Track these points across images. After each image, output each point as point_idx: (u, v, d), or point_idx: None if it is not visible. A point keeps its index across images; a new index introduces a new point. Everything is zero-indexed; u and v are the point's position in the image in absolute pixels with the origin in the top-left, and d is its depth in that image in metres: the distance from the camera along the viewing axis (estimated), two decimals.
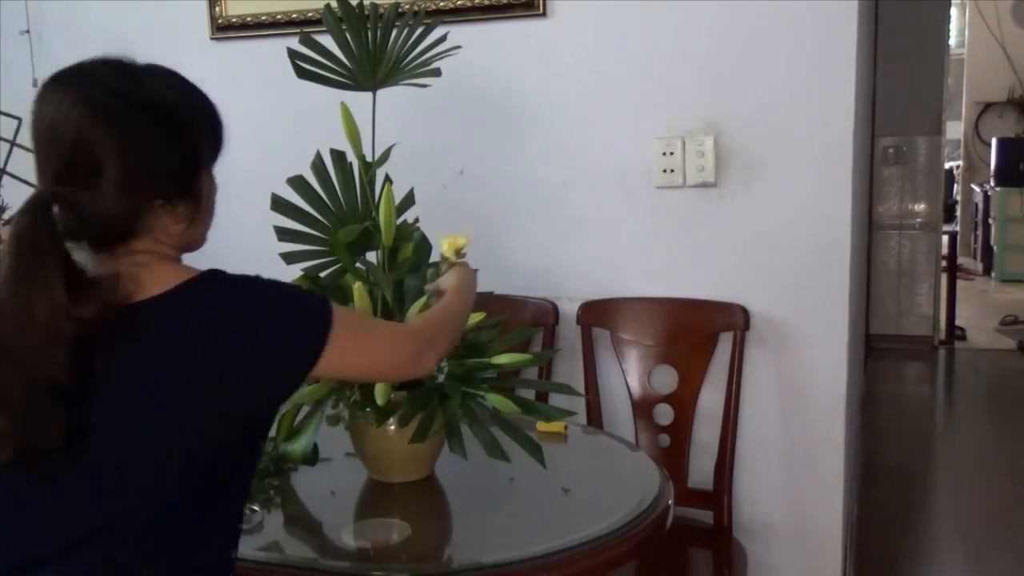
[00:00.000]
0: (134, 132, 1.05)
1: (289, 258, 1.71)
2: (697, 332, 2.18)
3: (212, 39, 2.50)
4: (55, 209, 1.01)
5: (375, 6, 1.83)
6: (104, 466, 1.02)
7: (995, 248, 7.49)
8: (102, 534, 1.02)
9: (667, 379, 2.21)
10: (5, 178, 1.97)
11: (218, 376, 1.04)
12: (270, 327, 1.08)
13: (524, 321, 2.22)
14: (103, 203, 1.03)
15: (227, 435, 1.07)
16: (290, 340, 1.09)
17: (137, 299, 1.04)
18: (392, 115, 1.85)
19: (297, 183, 1.76)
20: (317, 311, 1.12)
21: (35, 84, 2.92)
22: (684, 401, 2.18)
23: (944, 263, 5.81)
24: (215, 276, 1.11)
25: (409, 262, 1.68)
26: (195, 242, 1.20)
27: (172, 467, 1.03)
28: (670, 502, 1.54)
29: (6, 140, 2.48)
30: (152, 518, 1.04)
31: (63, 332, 0.98)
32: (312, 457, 1.63)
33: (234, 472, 1.12)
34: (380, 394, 1.49)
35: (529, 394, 2.02)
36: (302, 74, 1.78)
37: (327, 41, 1.81)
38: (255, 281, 1.13)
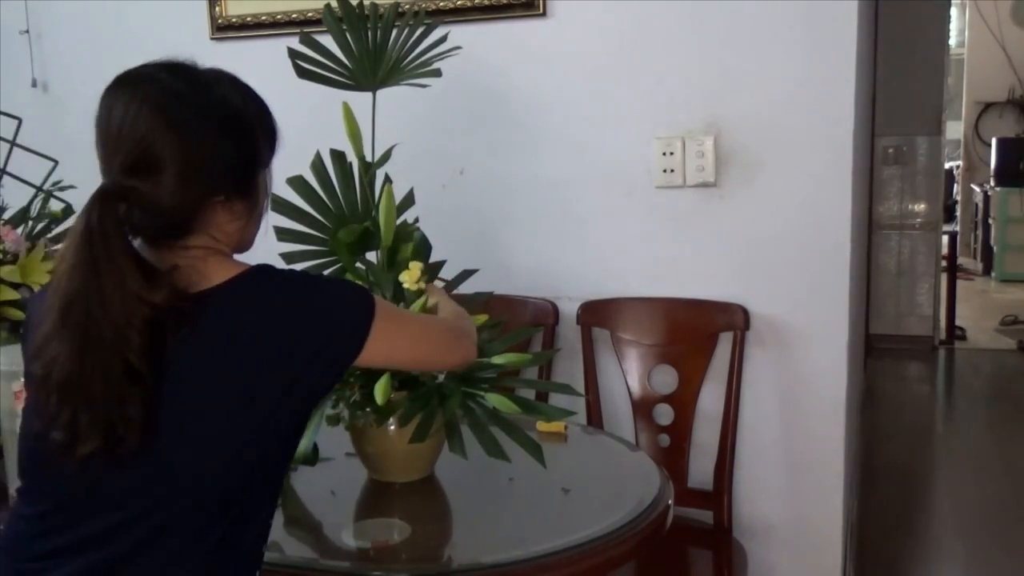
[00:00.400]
0: (196, 130, 1.09)
1: (289, 258, 1.71)
2: (697, 332, 2.18)
3: (212, 39, 2.50)
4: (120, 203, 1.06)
5: (375, 6, 1.83)
6: (172, 450, 1.05)
7: (995, 248, 7.49)
8: (162, 515, 1.06)
9: (667, 379, 2.21)
10: (5, 178, 1.97)
11: (274, 358, 1.07)
12: (320, 311, 1.12)
13: (524, 321, 2.22)
14: (165, 197, 1.07)
15: (279, 422, 1.09)
16: (338, 323, 1.13)
17: (198, 289, 1.08)
18: (392, 115, 1.85)
19: (297, 183, 1.76)
20: (362, 299, 1.17)
21: (34, 84, 2.94)
22: (684, 401, 2.18)
23: (944, 263, 5.81)
24: (267, 269, 1.15)
25: (409, 262, 1.67)
26: (247, 241, 1.22)
27: (231, 452, 1.07)
28: (670, 502, 1.54)
29: (6, 140, 2.47)
30: (210, 502, 1.07)
31: (137, 318, 1.02)
32: (312, 457, 1.63)
33: (279, 461, 1.14)
34: (380, 394, 1.49)
35: (529, 394, 2.02)
36: (302, 74, 1.78)
37: (327, 41, 1.81)
38: (303, 273, 1.20)
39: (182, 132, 1.07)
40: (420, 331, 1.28)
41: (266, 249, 1.71)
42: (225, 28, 2.49)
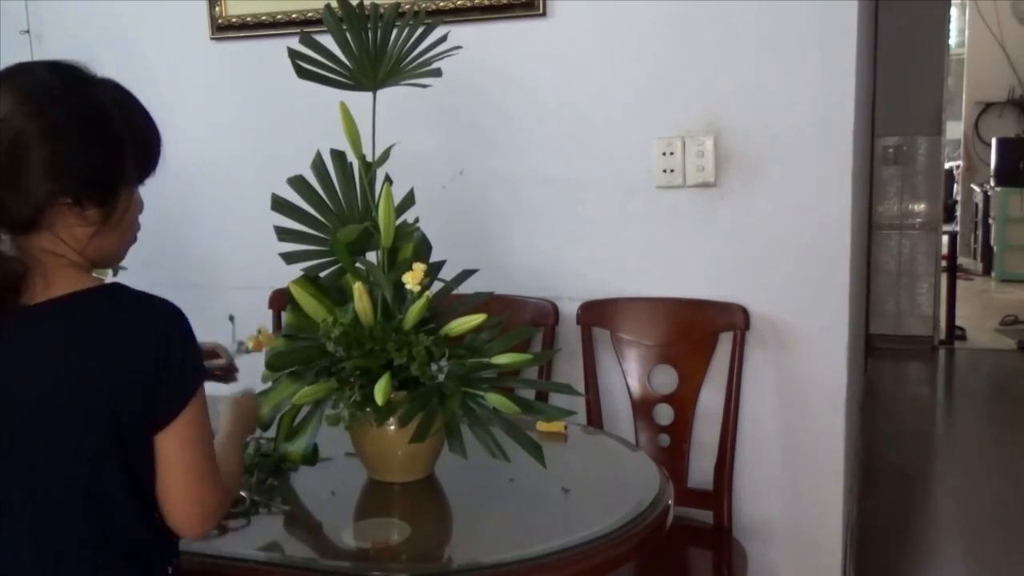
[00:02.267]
0: (56, 125, 1.07)
1: (289, 258, 1.71)
2: (697, 332, 2.18)
3: (212, 39, 2.50)
4: None
5: (375, 6, 1.83)
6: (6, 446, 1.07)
7: (995, 248, 7.49)
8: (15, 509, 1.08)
9: (667, 379, 2.21)
10: None
11: (98, 388, 1.07)
12: (158, 353, 1.09)
13: (524, 321, 2.22)
14: (14, 189, 1.06)
15: (112, 435, 1.08)
16: (169, 377, 1.10)
17: (35, 300, 1.08)
18: (392, 115, 1.85)
19: (297, 183, 1.76)
20: (199, 363, 1.15)
21: None
22: (684, 401, 2.18)
23: (944, 263, 5.81)
24: (112, 289, 1.13)
25: (409, 262, 1.67)
26: (106, 256, 1.18)
27: (46, 464, 1.08)
28: (670, 502, 1.54)
29: None
30: (69, 496, 1.08)
31: None
32: (312, 457, 1.63)
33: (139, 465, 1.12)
34: (380, 394, 1.49)
35: (529, 394, 2.02)
36: (302, 74, 1.78)
37: (327, 41, 1.81)
38: (154, 306, 1.13)
39: (43, 123, 1.06)
40: (200, 472, 1.15)
41: (266, 249, 1.73)
42: (225, 28, 2.48)
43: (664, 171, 2.18)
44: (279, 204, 1.75)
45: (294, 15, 2.39)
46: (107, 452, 1.09)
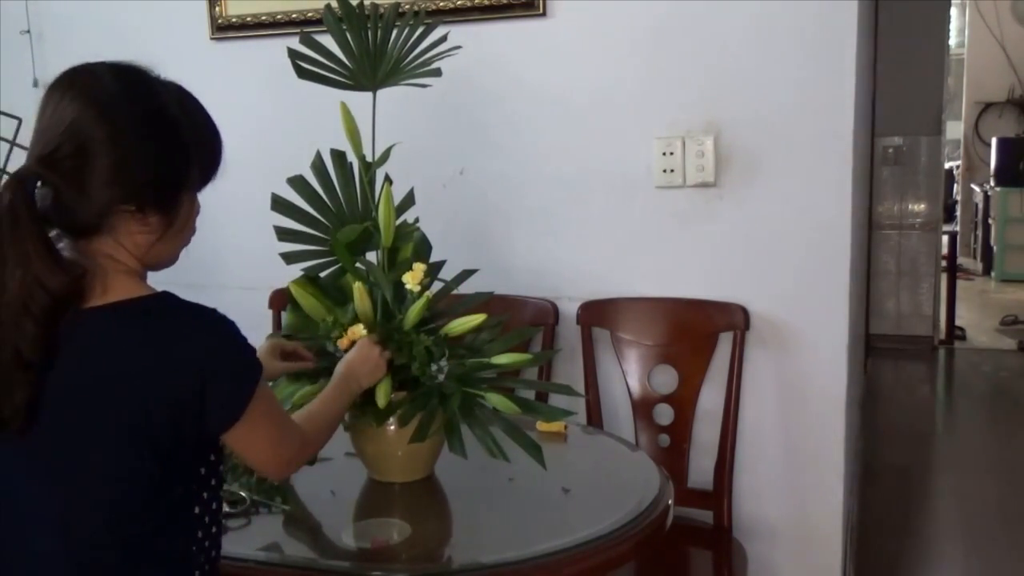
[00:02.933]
0: (124, 131, 1.07)
1: (289, 258, 1.71)
2: (697, 332, 2.18)
3: (212, 39, 2.50)
4: (37, 189, 1.05)
5: (375, 6, 1.83)
6: (53, 441, 1.06)
7: (995, 248, 7.49)
8: (52, 507, 1.07)
9: (667, 379, 2.21)
10: (5, 177, 1.98)
11: (148, 398, 1.06)
12: (209, 368, 1.09)
13: (524, 321, 2.22)
14: (77, 191, 1.05)
15: (150, 449, 1.07)
16: (223, 387, 1.11)
17: (95, 304, 1.07)
18: (392, 115, 1.85)
19: (297, 183, 1.76)
20: (253, 366, 1.14)
21: (35, 84, 2.95)
22: (684, 401, 2.18)
23: (944, 263, 5.81)
24: (163, 299, 1.12)
25: (409, 262, 1.68)
26: (163, 261, 1.18)
27: (104, 463, 1.07)
28: (670, 502, 1.54)
29: (6, 140, 2.48)
30: (100, 503, 1.07)
31: (36, 305, 1.02)
32: (312, 457, 1.62)
33: (172, 481, 1.12)
34: (380, 394, 1.49)
35: (529, 394, 2.02)
36: (302, 74, 1.78)
37: (327, 41, 1.81)
38: (203, 315, 1.12)
39: (108, 129, 1.06)
40: (278, 434, 1.23)
41: (266, 249, 1.73)
42: (225, 28, 2.48)
43: (664, 171, 2.18)
44: (279, 204, 1.75)
45: (294, 15, 2.39)
46: (143, 462, 1.08)
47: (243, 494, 1.52)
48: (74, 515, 1.08)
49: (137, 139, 1.08)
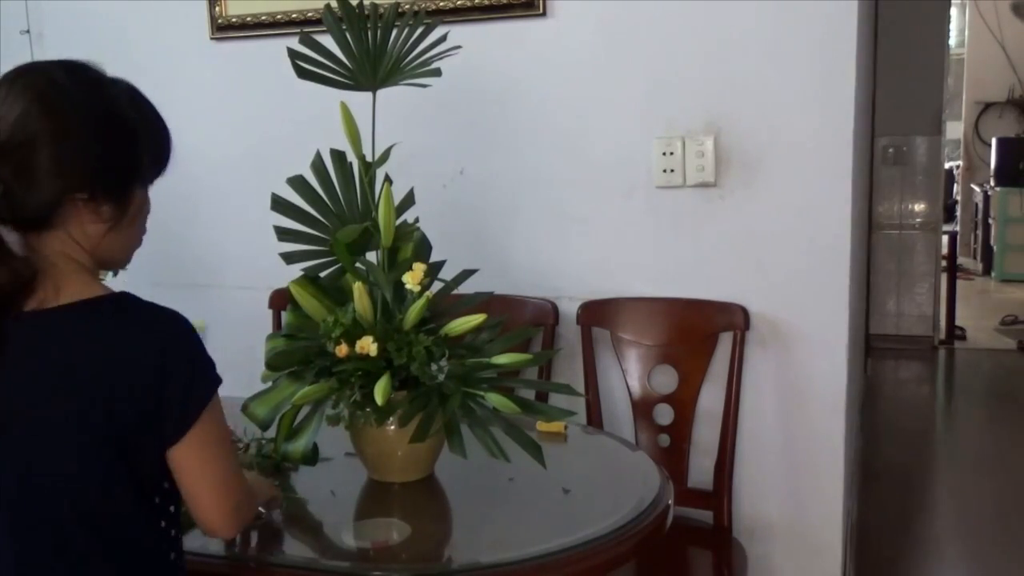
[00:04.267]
0: (71, 122, 1.08)
1: (289, 258, 1.71)
2: (697, 332, 2.18)
3: (212, 39, 2.50)
4: None
5: (375, 6, 1.83)
6: (8, 448, 1.06)
7: (995, 248, 7.49)
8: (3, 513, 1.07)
9: (667, 379, 2.21)
10: None
11: (101, 401, 1.06)
12: (160, 367, 1.08)
13: (524, 321, 2.22)
14: (26, 183, 1.06)
15: (100, 455, 1.07)
16: (175, 392, 1.09)
17: (46, 306, 1.07)
18: (392, 115, 1.85)
19: (297, 183, 1.76)
20: (209, 374, 1.13)
21: None
22: (684, 401, 2.18)
23: (944, 263, 5.81)
24: (120, 299, 1.11)
25: (409, 262, 1.68)
26: (115, 257, 1.18)
27: (58, 467, 1.07)
28: (670, 502, 1.54)
29: None
30: (53, 509, 1.07)
31: None
32: (312, 457, 1.63)
33: (130, 487, 1.11)
34: (380, 394, 1.49)
35: (529, 394, 2.02)
36: (302, 74, 1.78)
37: (327, 41, 1.81)
38: (161, 317, 1.11)
39: (56, 120, 1.07)
40: (225, 473, 1.16)
41: (266, 249, 1.73)
42: (225, 28, 2.48)
43: (664, 171, 2.18)
44: (279, 204, 1.75)
45: (294, 15, 2.39)
46: (108, 463, 1.08)
47: (260, 509, 1.50)
48: (25, 520, 1.08)
49: (85, 129, 1.09)
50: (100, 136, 1.10)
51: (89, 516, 1.09)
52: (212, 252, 2.60)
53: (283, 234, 1.72)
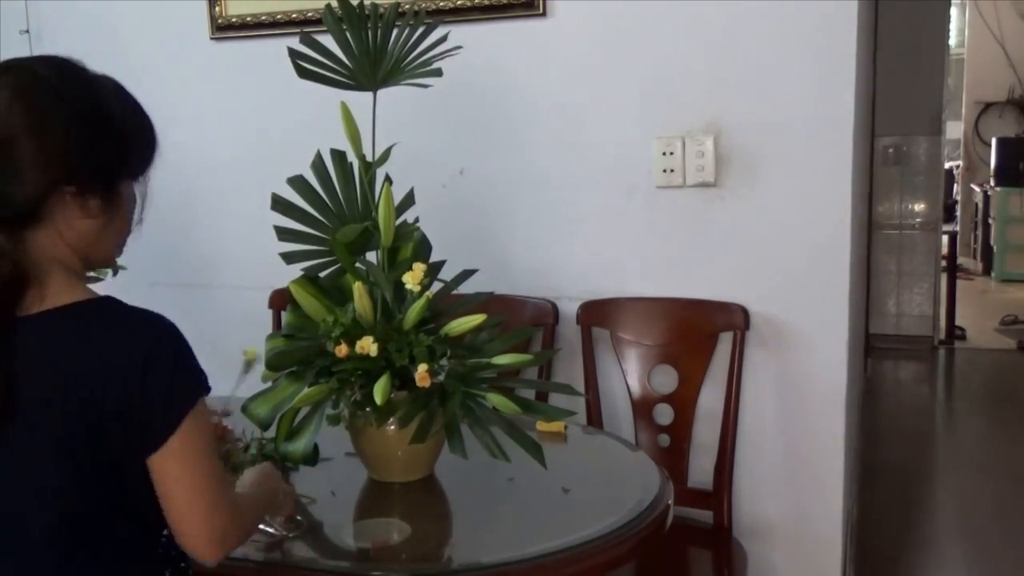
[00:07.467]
0: (56, 116, 1.07)
1: (289, 258, 1.71)
2: (697, 332, 2.18)
3: (212, 39, 2.50)
4: None
5: (375, 6, 1.83)
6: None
7: (995, 248, 7.49)
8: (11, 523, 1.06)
9: (667, 379, 2.21)
10: None
11: (87, 407, 1.04)
12: (143, 372, 1.05)
13: (524, 321, 2.22)
14: (10, 176, 1.05)
15: (84, 462, 1.06)
16: (157, 397, 1.06)
17: (32, 311, 1.06)
18: (392, 115, 1.85)
19: (297, 183, 1.76)
20: (193, 379, 1.10)
21: None
22: (684, 401, 2.18)
23: (944, 263, 5.81)
24: (104, 303, 1.10)
25: (409, 262, 1.68)
26: (105, 253, 1.16)
27: (49, 477, 1.06)
28: (670, 502, 1.54)
29: None
30: (52, 519, 1.06)
31: None
32: (312, 457, 1.63)
33: (113, 502, 1.10)
34: (380, 394, 1.49)
35: (529, 394, 2.01)
36: (302, 74, 1.78)
37: (327, 41, 1.81)
38: (144, 319, 1.09)
39: (39, 114, 1.06)
40: (211, 488, 1.10)
41: (266, 249, 1.73)
42: (225, 28, 2.48)
43: (664, 171, 2.17)
44: (279, 204, 1.75)
45: (294, 15, 2.39)
46: (93, 471, 1.07)
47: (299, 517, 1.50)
48: (17, 527, 1.07)
49: (69, 122, 1.08)
50: (84, 128, 1.09)
51: (75, 520, 1.07)
52: (212, 252, 2.60)
53: (283, 234, 1.72)
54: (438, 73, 1.81)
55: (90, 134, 1.10)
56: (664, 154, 2.17)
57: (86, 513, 1.08)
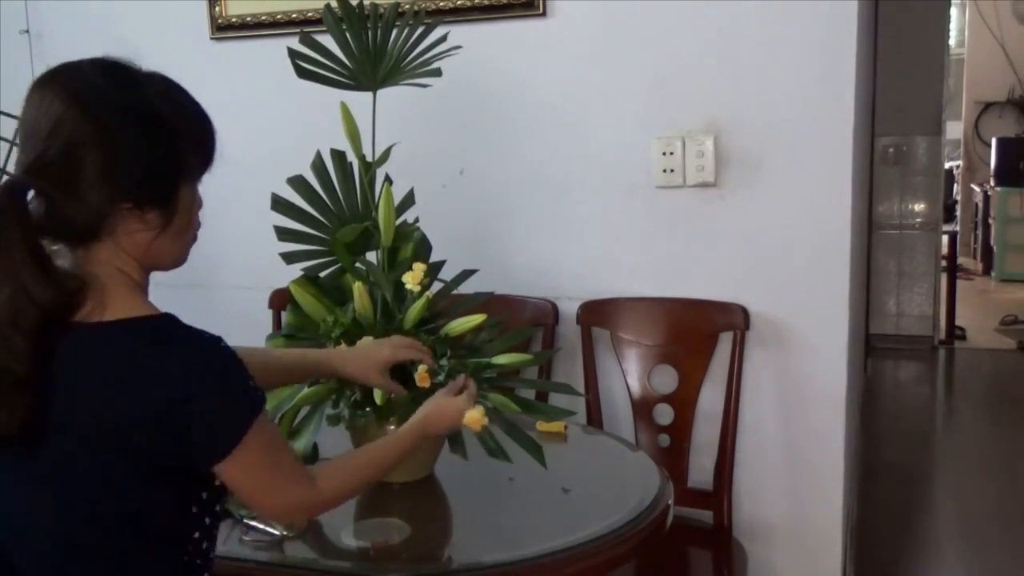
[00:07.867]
0: (110, 126, 1.04)
1: (289, 258, 1.71)
2: (697, 332, 2.18)
3: (212, 39, 2.50)
4: (30, 198, 1.02)
5: (375, 6, 1.83)
6: (52, 463, 1.04)
7: (995, 248, 7.49)
8: (46, 529, 1.06)
9: (667, 379, 2.21)
10: (5, 177, 1.98)
11: (135, 422, 1.03)
12: (199, 398, 1.04)
13: (524, 321, 2.22)
14: (70, 195, 1.02)
15: (142, 480, 1.05)
16: (212, 419, 1.06)
17: (92, 320, 1.04)
18: (392, 115, 1.85)
19: (297, 183, 1.76)
20: (245, 402, 1.09)
21: None
22: (684, 401, 2.18)
23: (944, 263, 5.81)
24: (163, 322, 1.08)
25: (409, 262, 1.68)
26: (167, 260, 1.14)
27: (92, 494, 1.05)
28: (670, 502, 1.54)
29: (6, 140, 2.48)
30: (92, 530, 1.06)
31: (26, 320, 0.99)
32: (312, 457, 1.63)
33: (159, 516, 1.09)
34: (380, 394, 1.49)
35: (529, 394, 2.02)
36: (302, 74, 1.78)
37: (327, 41, 1.81)
38: (201, 344, 1.08)
39: (94, 126, 1.02)
40: (281, 478, 1.16)
41: (266, 249, 1.73)
42: (225, 28, 2.48)
43: (664, 171, 2.18)
44: (279, 204, 1.75)
45: (294, 15, 2.39)
46: (139, 478, 1.06)
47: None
48: (63, 534, 1.06)
49: (125, 133, 1.05)
50: (143, 138, 1.06)
51: (105, 529, 1.07)
52: (212, 252, 2.59)
53: (283, 234, 1.72)
54: (438, 73, 1.81)
55: (149, 144, 1.07)
56: (664, 154, 2.17)
57: (113, 525, 1.07)
